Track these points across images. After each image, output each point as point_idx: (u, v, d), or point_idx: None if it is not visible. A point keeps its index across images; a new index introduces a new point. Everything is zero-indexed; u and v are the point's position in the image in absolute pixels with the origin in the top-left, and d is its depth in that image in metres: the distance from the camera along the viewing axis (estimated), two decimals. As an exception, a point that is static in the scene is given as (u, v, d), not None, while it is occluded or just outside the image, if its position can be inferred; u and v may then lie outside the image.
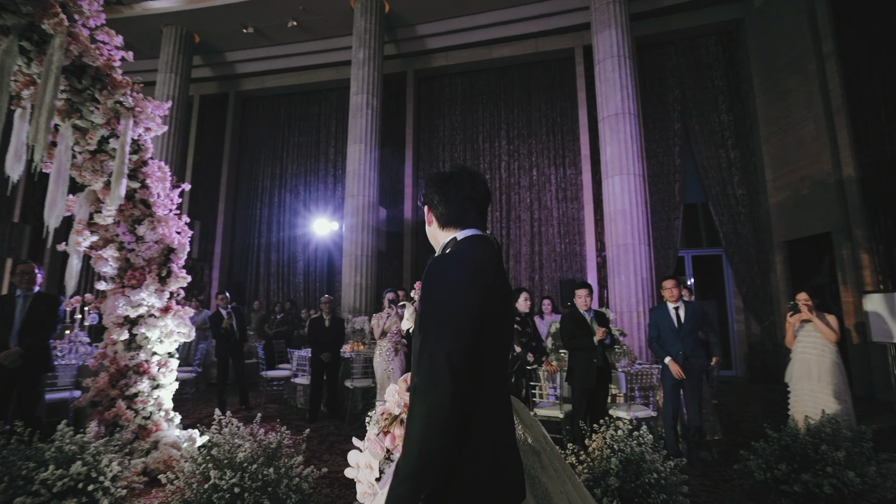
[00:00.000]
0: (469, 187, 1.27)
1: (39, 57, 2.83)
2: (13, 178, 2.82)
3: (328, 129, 10.76)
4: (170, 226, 3.84)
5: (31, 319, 3.52)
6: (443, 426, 0.96)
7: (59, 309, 3.71)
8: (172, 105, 9.31)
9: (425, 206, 1.34)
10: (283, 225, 10.73)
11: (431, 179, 1.31)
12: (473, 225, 1.25)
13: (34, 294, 3.68)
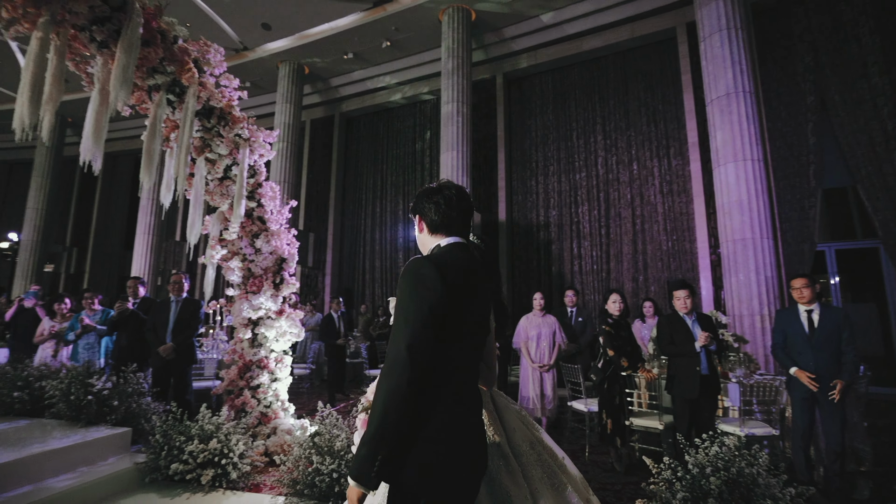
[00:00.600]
0: (455, 199, 1.44)
1: (180, 105, 3.44)
2: (165, 205, 3.47)
3: (423, 139, 11.23)
4: (281, 238, 4.37)
5: (181, 320, 4.28)
6: (399, 403, 1.14)
7: (201, 311, 4.44)
8: (287, 131, 10.55)
9: (416, 216, 1.50)
10: (384, 233, 11.44)
11: (424, 192, 1.48)
12: (457, 233, 1.43)
13: (183, 299, 4.45)
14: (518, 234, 9.73)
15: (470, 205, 1.47)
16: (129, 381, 3.70)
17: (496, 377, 1.68)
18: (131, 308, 4.67)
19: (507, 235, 9.72)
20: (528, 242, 9.58)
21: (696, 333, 3.48)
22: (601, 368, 3.83)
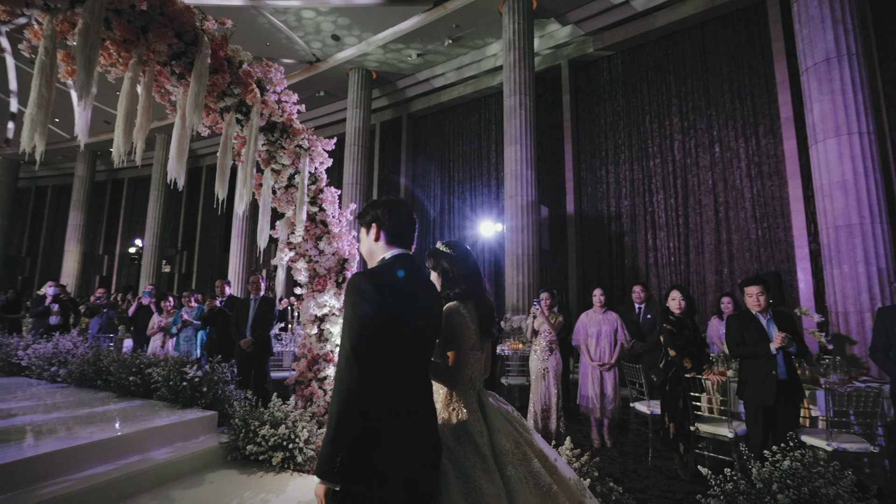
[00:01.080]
0: (408, 215, 1.60)
1: (247, 122, 3.81)
2: (238, 213, 3.87)
3: (488, 134, 11.20)
4: (342, 240, 4.65)
5: (258, 316, 4.74)
6: (351, 404, 1.25)
7: (275, 308, 4.88)
8: (358, 135, 11.09)
9: (372, 224, 1.59)
10: (453, 229, 11.61)
11: (384, 203, 1.61)
12: (405, 246, 1.58)
13: (260, 297, 4.93)
14: (587, 227, 9.36)
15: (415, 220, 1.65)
16: (216, 370, 4.19)
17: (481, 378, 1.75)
18: (219, 305, 5.27)
19: (576, 228, 9.39)
20: (598, 235, 9.17)
21: (771, 333, 3.13)
22: (662, 369, 3.59)
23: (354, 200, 10.88)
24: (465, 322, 1.69)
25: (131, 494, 2.99)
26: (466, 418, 1.61)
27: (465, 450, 1.54)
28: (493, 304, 1.86)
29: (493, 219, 10.31)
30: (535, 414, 4.46)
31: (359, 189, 11.06)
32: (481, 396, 1.74)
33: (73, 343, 5.13)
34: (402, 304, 1.39)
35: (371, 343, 1.28)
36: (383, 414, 1.31)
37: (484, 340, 1.80)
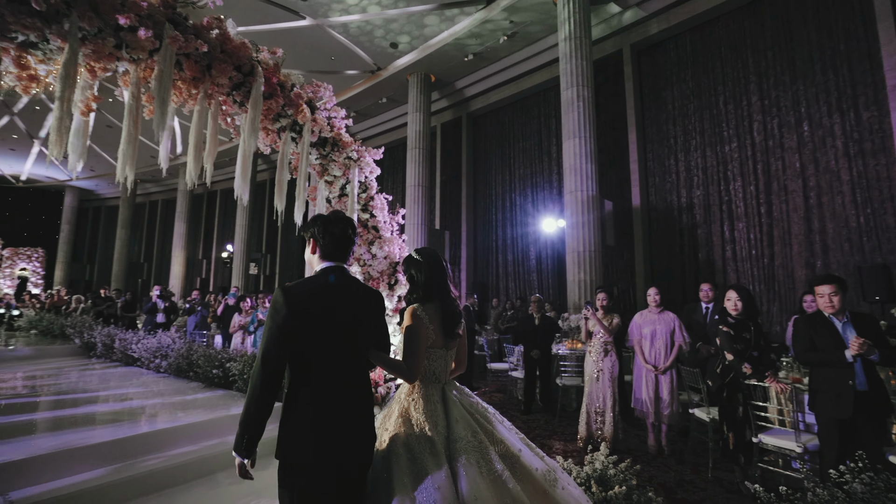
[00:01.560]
0: (341, 232, 1.77)
1: (300, 139, 4.14)
2: (298, 222, 4.22)
3: (549, 128, 10.96)
4: (393, 244, 4.87)
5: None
6: (257, 396, 1.53)
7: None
8: (419, 138, 11.37)
9: (310, 239, 1.79)
10: (515, 226, 11.53)
11: (322, 221, 1.80)
12: (336, 259, 1.76)
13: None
14: (656, 220, 8.83)
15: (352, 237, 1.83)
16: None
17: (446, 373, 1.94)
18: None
19: (644, 222, 8.90)
20: (668, 228, 8.62)
21: (847, 338, 2.81)
22: (719, 374, 3.35)
23: (417, 202, 11.21)
24: (420, 323, 1.86)
25: (210, 472, 3.42)
26: (423, 408, 1.80)
27: (416, 435, 1.74)
28: (457, 307, 1.99)
29: (555, 215, 10.09)
30: (588, 416, 4.36)
31: (421, 191, 11.35)
32: (445, 390, 1.91)
33: (172, 339, 5.90)
34: (320, 312, 1.61)
35: (278, 349, 1.54)
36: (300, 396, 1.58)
37: (449, 340, 1.93)
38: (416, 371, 1.84)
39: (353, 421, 1.62)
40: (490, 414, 1.94)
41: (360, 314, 1.73)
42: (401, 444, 1.72)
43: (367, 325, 1.76)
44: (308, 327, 1.58)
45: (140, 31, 2.78)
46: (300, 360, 1.59)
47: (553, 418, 5.28)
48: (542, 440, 4.49)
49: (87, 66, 2.86)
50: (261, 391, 1.52)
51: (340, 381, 1.63)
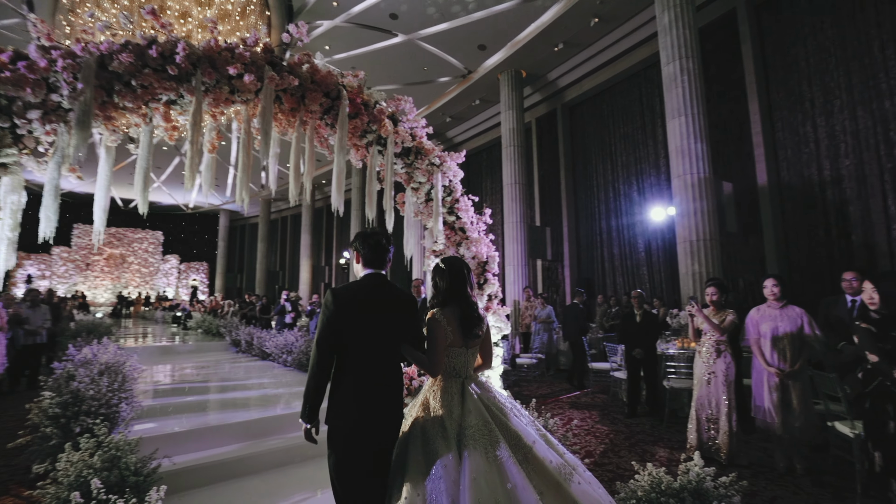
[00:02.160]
0: (376, 242, 2.11)
1: (385, 151, 4.45)
2: (388, 229, 4.54)
3: (652, 109, 10.10)
4: (480, 244, 4.96)
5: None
6: (314, 374, 1.91)
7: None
8: (513, 135, 11.30)
9: (354, 252, 2.16)
10: (620, 217, 10.83)
11: (360, 236, 2.15)
12: (375, 266, 2.11)
13: (422, 299, 5.61)
14: (790, 199, 7.62)
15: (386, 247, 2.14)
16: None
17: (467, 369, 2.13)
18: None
19: (773, 202, 7.73)
20: (807, 208, 7.37)
21: None
22: (861, 380, 2.80)
23: (515, 200, 11.13)
24: (439, 326, 2.09)
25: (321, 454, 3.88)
26: (441, 399, 2.04)
27: (432, 421, 1.99)
28: (475, 310, 2.18)
29: (665, 202, 9.26)
30: (698, 423, 3.96)
31: (519, 189, 11.24)
32: (464, 384, 2.11)
33: (295, 338, 6.73)
34: (360, 310, 1.96)
35: (328, 338, 1.91)
36: (343, 380, 1.93)
37: (468, 339, 2.13)
38: (437, 366, 2.09)
39: (385, 399, 1.96)
40: (507, 408, 2.10)
41: (393, 314, 2.04)
42: (419, 427, 1.99)
43: (398, 323, 2.06)
44: (350, 322, 1.93)
45: (245, 77, 3.28)
46: (344, 347, 1.93)
47: (660, 423, 4.88)
48: (643, 446, 4.19)
49: (210, 113, 3.46)
50: (317, 370, 1.91)
51: (376, 366, 1.96)
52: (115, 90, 2.90)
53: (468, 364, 2.14)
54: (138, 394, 4.06)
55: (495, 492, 1.74)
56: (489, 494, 1.72)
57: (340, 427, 1.86)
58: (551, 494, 1.82)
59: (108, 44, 2.84)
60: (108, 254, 23.01)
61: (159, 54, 2.99)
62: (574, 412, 5.42)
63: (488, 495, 1.72)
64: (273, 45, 3.80)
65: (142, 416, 3.68)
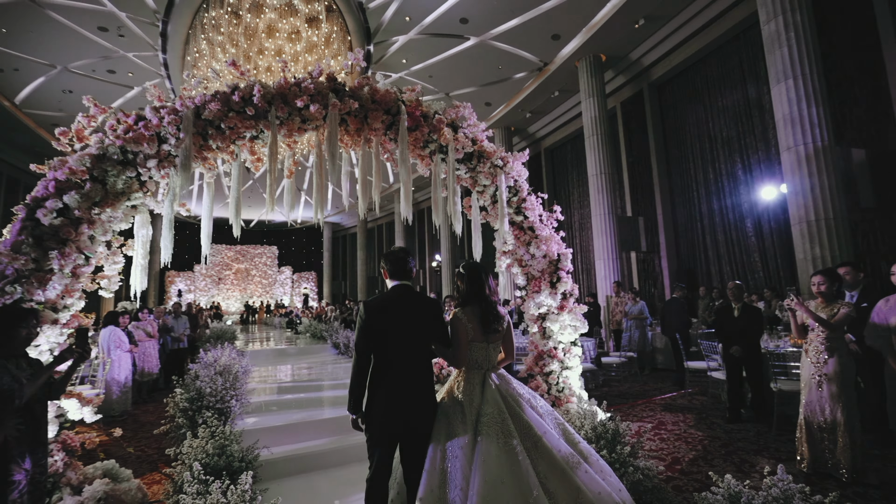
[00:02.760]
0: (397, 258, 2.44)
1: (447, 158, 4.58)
2: (458, 233, 4.67)
3: (756, 75, 8.94)
4: (550, 242, 4.85)
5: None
6: (355, 373, 2.27)
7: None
8: (595, 124, 10.77)
9: (382, 268, 2.50)
10: (723, 200, 9.76)
11: (385, 255, 2.49)
12: (400, 278, 2.43)
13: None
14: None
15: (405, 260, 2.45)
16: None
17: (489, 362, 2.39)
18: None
19: (923, 168, 6.40)
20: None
21: None
22: None
23: (601, 191, 10.60)
24: (460, 323, 2.38)
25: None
26: (463, 388, 2.34)
27: (454, 408, 2.29)
28: (493, 309, 2.42)
29: (777, 178, 8.16)
30: (809, 432, 3.45)
31: (604, 179, 10.68)
32: (486, 375, 2.37)
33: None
34: (388, 317, 2.27)
35: (364, 343, 2.24)
36: (376, 377, 2.24)
37: (489, 335, 2.39)
38: (460, 359, 2.39)
39: (414, 391, 2.26)
40: (523, 400, 2.34)
41: (418, 317, 2.34)
42: (442, 412, 2.31)
43: (424, 324, 2.35)
44: (380, 327, 2.25)
45: (311, 107, 3.63)
46: (377, 349, 2.25)
47: (768, 430, 4.33)
48: (742, 455, 3.77)
49: (286, 142, 3.89)
50: (356, 369, 2.27)
51: (405, 364, 2.27)
52: (209, 134, 3.41)
53: (489, 357, 2.40)
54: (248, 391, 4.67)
55: (502, 472, 2.00)
56: (497, 474, 2.00)
57: (374, 416, 2.22)
58: (556, 479, 2.06)
59: (200, 96, 3.36)
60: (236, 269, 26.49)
61: (241, 98, 3.46)
62: (666, 415, 5.03)
63: (496, 475, 1.99)
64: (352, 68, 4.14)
65: (249, 412, 4.24)
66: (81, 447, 3.06)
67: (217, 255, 25.80)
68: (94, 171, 3.06)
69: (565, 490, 2.03)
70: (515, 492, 1.97)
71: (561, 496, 2.02)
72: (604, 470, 2.21)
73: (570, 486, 2.03)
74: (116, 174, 3.11)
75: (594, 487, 2.05)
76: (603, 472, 2.18)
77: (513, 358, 2.58)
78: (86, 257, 3.10)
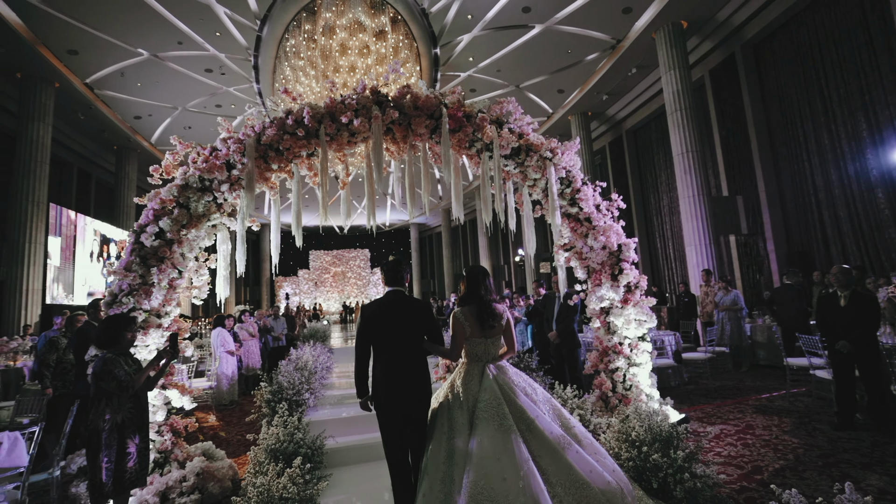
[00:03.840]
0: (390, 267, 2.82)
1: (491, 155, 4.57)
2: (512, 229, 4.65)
3: (881, 16, 7.51)
4: (609, 233, 4.61)
5: (561, 313, 5.31)
6: (356, 366, 2.66)
7: (556, 302, 5.32)
8: (678, 98, 9.86)
9: (381, 275, 2.88)
10: (842, 168, 8.36)
11: (382, 265, 2.85)
12: (393, 285, 2.79)
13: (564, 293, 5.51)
14: None
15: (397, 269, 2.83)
16: (522, 359, 5.08)
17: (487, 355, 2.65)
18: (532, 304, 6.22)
19: None
20: None
21: None
22: None
23: (688, 171, 9.68)
24: (458, 321, 2.66)
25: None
26: (463, 379, 2.60)
27: (455, 395, 2.55)
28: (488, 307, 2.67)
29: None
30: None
31: (692, 157, 9.71)
32: (484, 367, 2.61)
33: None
34: (382, 318, 2.65)
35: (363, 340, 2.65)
36: (377, 368, 2.62)
37: (486, 330, 2.63)
38: (456, 353, 2.68)
39: (408, 381, 2.58)
40: (517, 388, 2.54)
41: (408, 318, 2.67)
42: (446, 399, 2.58)
43: (415, 324, 2.68)
44: (375, 327, 2.64)
45: (355, 121, 3.89)
46: (376, 345, 2.64)
47: (889, 441, 3.66)
48: (845, 469, 3.24)
49: (338, 157, 4.21)
50: (357, 362, 2.67)
51: (399, 357, 2.62)
52: (269, 157, 3.83)
53: (488, 351, 2.65)
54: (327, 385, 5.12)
55: (497, 449, 2.25)
56: (492, 451, 2.25)
57: (379, 399, 2.59)
58: (548, 457, 2.28)
59: (260, 124, 3.78)
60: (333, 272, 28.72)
61: (294, 121, 3.83)
62: (758, 417, 4.49)
63: (491, 452, 2.24)
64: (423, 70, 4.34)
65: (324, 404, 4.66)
66: (185, 430, 3.64)
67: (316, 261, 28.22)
68: (179, 199, 3.62)
69: (556, 467, 2.26)
70: (508, 465, 2.20)
71: (552, 472, 2.24)
72: (598, 452, 2.44)
73: (561, 464, 2.26)
74: (197, 199, 3.64)
75: (584, 466, 2.27)
76: (597, 454, 2.41)
77: (514, 351, 2.81)
78: (178, 271, 3.67)
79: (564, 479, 2.21)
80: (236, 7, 9.90)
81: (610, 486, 2.23)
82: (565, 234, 4.83)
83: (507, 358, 2.76)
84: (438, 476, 2.30)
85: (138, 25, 9.72)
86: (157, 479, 3.25)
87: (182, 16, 9.63)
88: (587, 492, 2.18)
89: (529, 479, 2.14)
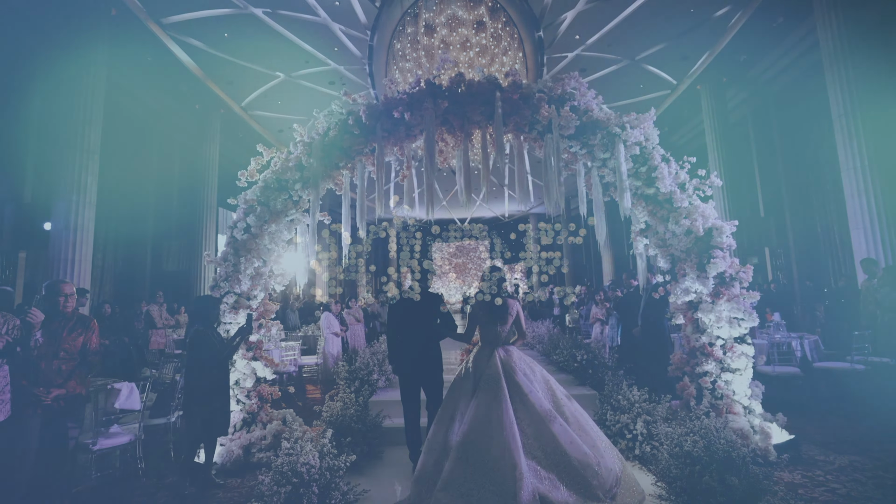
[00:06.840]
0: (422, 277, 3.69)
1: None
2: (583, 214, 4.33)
3: None
4: (694, 216, 3.98)
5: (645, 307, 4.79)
6: (389, 343, 3.88)
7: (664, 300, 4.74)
8: (838, 45, 7.90)
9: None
10: None
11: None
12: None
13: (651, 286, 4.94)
14: None
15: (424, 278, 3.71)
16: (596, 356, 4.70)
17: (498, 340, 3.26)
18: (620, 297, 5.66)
19: None
20: None
21: None
22: None
23: (853, 137, 7.76)
24: (473, 311, 3.39)
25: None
26: (474, 357, 3.23)
27: (465, 370, 3.19)
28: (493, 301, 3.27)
29: None
30: None
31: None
32: (494, 349, 3.18)
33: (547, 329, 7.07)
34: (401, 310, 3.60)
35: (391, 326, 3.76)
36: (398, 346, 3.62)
37: (496, 319, 3.26)
38: (468, 336, 3.53)
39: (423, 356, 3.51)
40: (518, 368, 3.05)
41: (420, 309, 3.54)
42: (461, 373, 3.22)
43: (428, 313, 3.57)
44: (397, 317, 3.64)
45: (405, 115, 4.02)
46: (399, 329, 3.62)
47: None
48: None
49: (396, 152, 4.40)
50: (389, 343, 3.78)
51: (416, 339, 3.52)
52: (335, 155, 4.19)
53: (498, 337, 3.25)
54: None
55: (490, 413, 2.80)
56: (485, 413, 2.82)
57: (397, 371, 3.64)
58: (534, 427, 2.77)
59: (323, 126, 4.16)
60: (455, 263, 29.78)
61: (354, 122, 4.12)
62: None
63: (484, 414, 2.81)
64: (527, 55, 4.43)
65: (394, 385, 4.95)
66: (270, 397, 4.24)
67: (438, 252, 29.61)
68: (261, 198, 4.20)
69: (540, 433, 2.75)
70: (496, 424, 2.74)
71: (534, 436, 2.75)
72: (583, 430, 2.86)
73: (545, 433, 2.74)
74: (275, 197, 4.18)
75: (566, 438, 2.73)
76: (582, 430, 2.85)
77: (525, 338, 3.51)
78: (263, 261, 4.27)
79: (545, 444, 2.71)
80: (349, 22, 10.88)
81: (587, 457, 2.66)
82: (641, 218, 4.32)
83: (518, 344, 3.37)
84: (443, 427, 2.97)
85: (274, 53, 11.34)
86: (244, 435, 3.86)
87: (306, 38, 10.95)
88: (564, 458, 2.66)
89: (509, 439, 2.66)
